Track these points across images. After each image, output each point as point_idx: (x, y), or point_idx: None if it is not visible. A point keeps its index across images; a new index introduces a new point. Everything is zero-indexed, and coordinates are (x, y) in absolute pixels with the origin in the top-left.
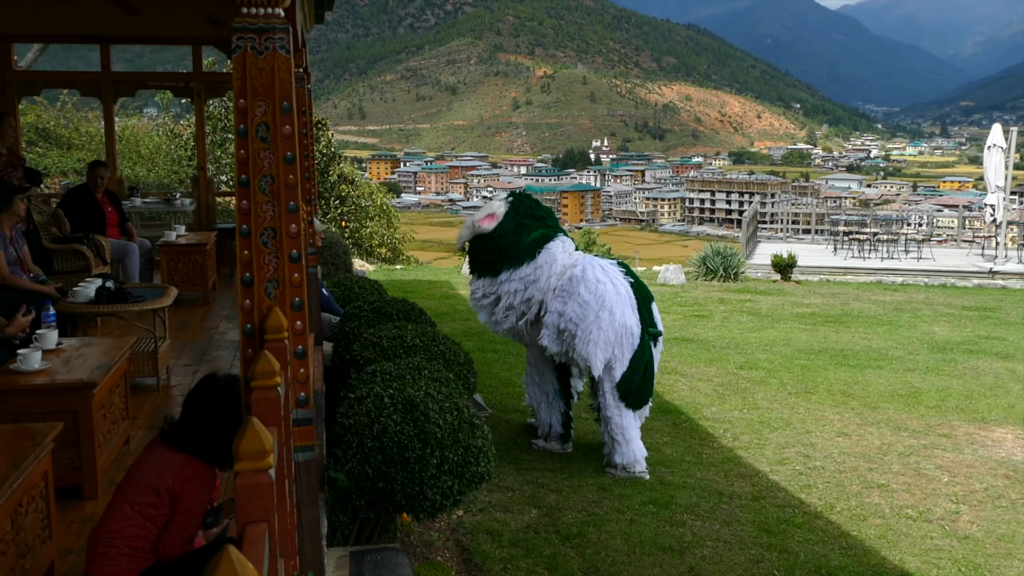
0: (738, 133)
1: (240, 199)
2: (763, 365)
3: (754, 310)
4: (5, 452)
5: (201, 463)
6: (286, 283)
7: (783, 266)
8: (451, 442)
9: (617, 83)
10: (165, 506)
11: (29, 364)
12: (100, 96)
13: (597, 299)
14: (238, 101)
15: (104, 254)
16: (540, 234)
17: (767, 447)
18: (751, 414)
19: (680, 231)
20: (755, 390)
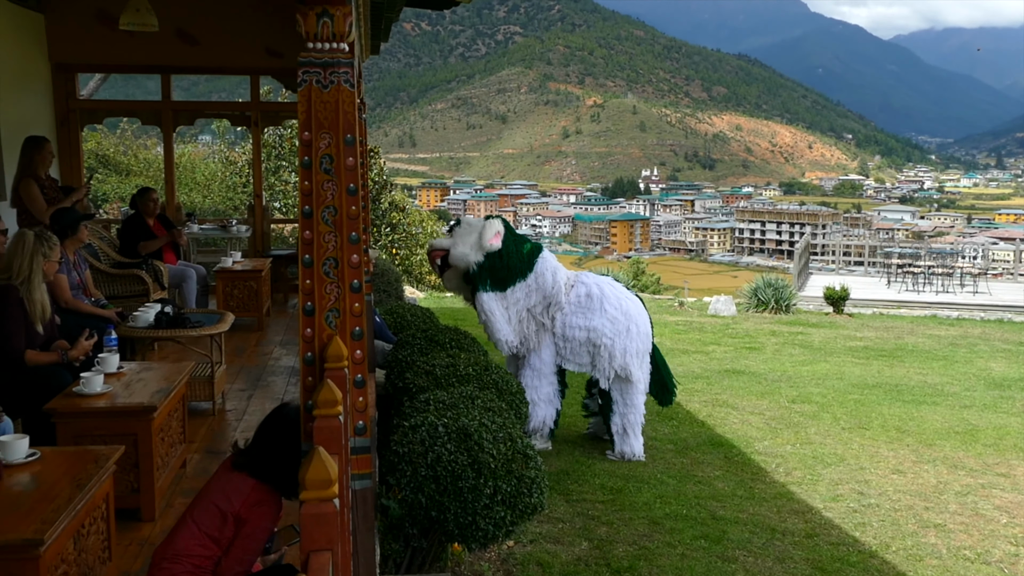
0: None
1: (303, 229)
2: (816, 399)
3: (806, 343)
4: (69, 474)
5: (268, 491)
6: (347, 312)
7: (836, 299)
8: (504, 472)
9: (667, 112)
10: (230, 529)
11: (91, 387)
12: (160, 124)
13: (624, 314)
14: (303, 133)
15: (162, 279)
16: (531, 246)
17: (820, 483)
18: (804, 449)
19: (730, 261)
20: (808, 424)
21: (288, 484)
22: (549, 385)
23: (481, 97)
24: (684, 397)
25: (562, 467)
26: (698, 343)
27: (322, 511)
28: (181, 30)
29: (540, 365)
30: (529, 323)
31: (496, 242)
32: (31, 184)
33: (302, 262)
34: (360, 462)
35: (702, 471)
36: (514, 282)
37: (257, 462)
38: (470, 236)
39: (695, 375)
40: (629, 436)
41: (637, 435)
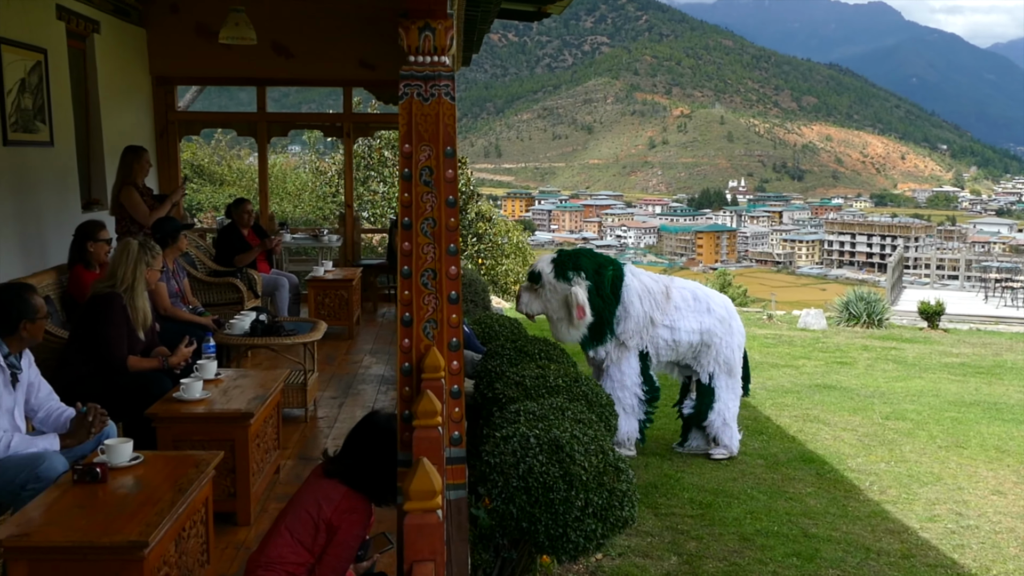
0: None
1: (402, 240)
2: (911, 416)
3: (900, 358)
4: (171, 478)
5: (359, 498)
6: (444, 323)
7: (931, 313)
8: (596, 485)
9: (755, 123)
10: (322, 536)
11: (191, 393)
12: (255, 135)
13: (728, 311)
14: (403, 146)
15: (256, 288)
16: (611, 277)
17: (916, 502)
18: (899, 467)
19: (818, 274)
20: (902, 442)
21: (379, 491)
22: (633, 396)
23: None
24: (774, 412)
25: (650, 480)
26: (787, 357)
27: (426, 522)
28: (277, 43)
29: (621, 376)
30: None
31: (585, 318)
32: (132, 191)
33: (401, 273)
34: (455, 472)
35: (793, 487)
36: (613, 328)
37: (348, 469)
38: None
39: (785, 389)
40: (730, 427)
41: (735, 427)
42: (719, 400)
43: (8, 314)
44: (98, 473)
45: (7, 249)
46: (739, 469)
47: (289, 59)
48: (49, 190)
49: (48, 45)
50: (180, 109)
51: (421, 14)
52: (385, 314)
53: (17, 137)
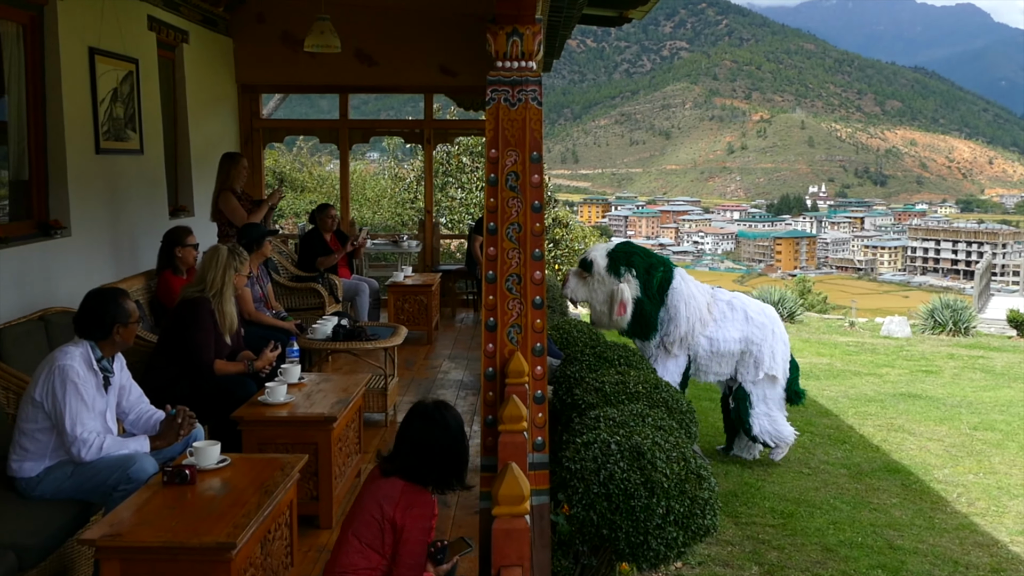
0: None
1: (488, 245)
2: (1000, 427)
3: (988, 367)
4: (257, 480)
5: (419, 491)
6: (528, 328)
7: (1020, 321)
8: (677, 492)
9: (837, 127)
10: (389, 536)
11: (275, 397)
12: (337, 142)
13: (770, 319)
14: (489, 151)
15: (337, 293)
16: (660, 279)
17: (1006, 515)
18: (988, 479)
19: (901, 281)
20: (991, 453)
21: (437, 477)
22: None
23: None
24: (857, 421)
25: (730, 489)
26: (871, 365)
27: (514, 527)
28: (359, 51)
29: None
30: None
31: (623, 315)
32: (229, 196)
33: (485, 278)
34: (538, 477)
35: (878, 498)
36: (656, 328)
37: (403, 463)
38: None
39: (868, 398)
40: (778, 422)
41: (784, 421)
42: (754, 410)
43: (102, 318)
44: (187, 475)
45: (99, 255)
46: (821, 479)
47: (372, 66)
48: (138, 197)
49: (139, 55)
50: (264, 117)
51: (509, 19)
52: (463, 319)
53: (109, 145)
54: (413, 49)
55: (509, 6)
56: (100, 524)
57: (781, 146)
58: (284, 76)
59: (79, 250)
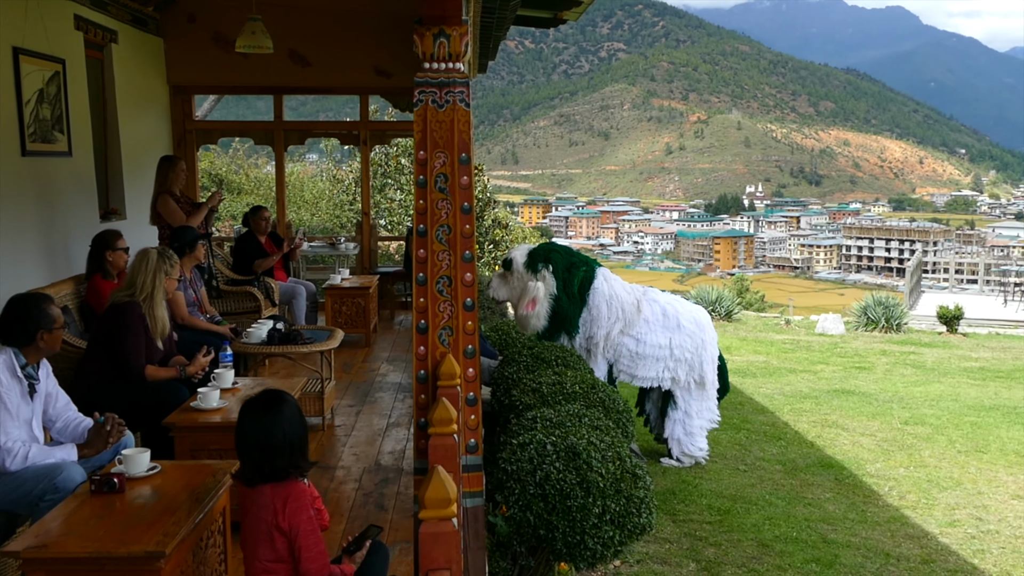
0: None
1: (417, 248)
2: (930, 421)
3: (919, 363)
4: (188, 487)
5: (285, 486)
6: (460, 330)
7: (949, 318)
8: (613, 492)
9: (772, 128)
10: (282, 542)
11: (208, 402)
12: (272, 144)
13: (698, 326)
14: (418, 153)
15: (273, 296)
16: (581, 278)
17: (936, 507)
18: (918, 472)
19: (836, 279)
20: (922, 447)
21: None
22: None
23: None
24: (792, 417)
25: (668, 487)
26: (806, 362)
27: (441, 530)
28: (293, 51)
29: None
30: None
31: (530, 310)
32: (168, 199)
33: (416, 280)
34: (471, 480)
35: (812, 493)
36: (576, 327)
37: (257, 467)
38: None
39: (803, 395)
40: (694, 436)
41: (701, 436)
42: (679, 409)
43: (25, 325)
44: (115, 483)
45: (26, 259)
46: (757, 475)
47: (306, 67)
48: (68, 200)
49: (66, 55)
50: (198, 118)
51: (436, 20)
52: (402, 321)
53: (36, 147)
54: (348, 50)
55: (435, 7)
56: (25, 535)
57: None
58: (216, 77)
59: (6, 254)
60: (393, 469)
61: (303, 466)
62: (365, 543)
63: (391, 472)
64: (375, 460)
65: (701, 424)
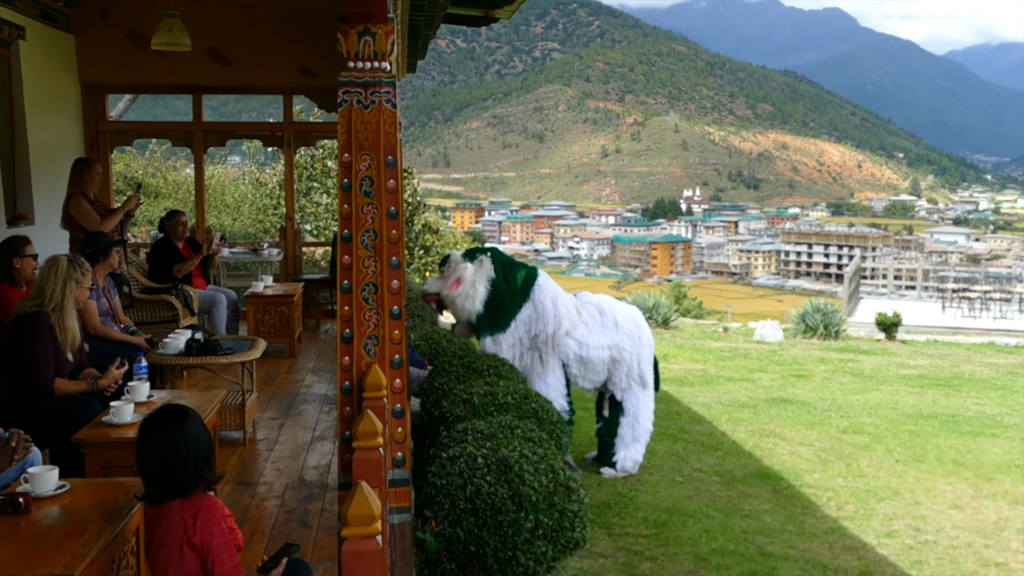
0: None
1: (342, 254)
2: (868, 430)
3: (857, 371)
4: (99, 506)
5: (193, 500)
6: (386, 340)
7: (888, 324)
8: (546, 506)
9: (710, 131)
10: (194, 559)
11: (121, 417)
12: (191, 146)
13: (637, 325)
14: (343, 155)
15: (192, 305)
16: (525, 274)
17: (874, 518)
18: (856, 482)
19: (775, 285)
20: (860, 456)
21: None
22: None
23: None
24: (730, 427)
25: (603, 500)
26: (744, 370)
27: (364, 548)
28: (213, 49)
29: (547, 391)
30: (532, 353)
31: (454, 289)
32: (81, 200)
33: (340, 288)
34: (399, 495)
35: (749, 504)
36: (513, 317)
37: (161, 483)
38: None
39: (740, 404)
40: (639, 443)
41: (644, 442)
42: (628, 414)
43: None
44: (20, 503)
45: None
46: (694, 486)
47: (226, 66)
48: None
49: None
50: (112, 119)
51: (361, 18)
52: (328, 331)
53: None
54: (270, 48)
55: (359, 4)
56: None
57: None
58: (131, 76)
59: None
60: (318, 484)
61: (210, 478)
62: (281, 561)
63: (316, 488)
64: (299, 475)
65: (646, 428)
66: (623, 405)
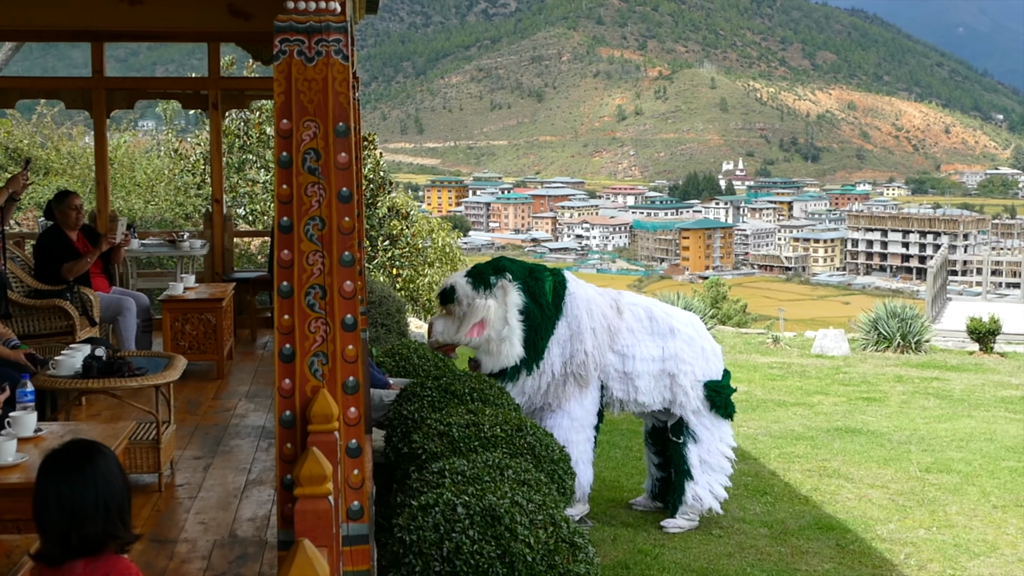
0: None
1: (280, 247)
2: (957, 467)
3: (944, 392)
4: None
5: (103, 559)
6: (337, 357)
7: (983, 332)
8: (545, 567)
9: (756, 87)
10: None
11: (2, 458)
12: (90, 108)
13: (696, 330)
14: (280, 121)
15: (91, 312)
16: (552, 283)
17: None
18: (942, 534)
19: (840, 283)
20: (947, 501)
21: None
22: (588, 441)
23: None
24: (781, 465)
25: (619, 559)
26: (799, 392)
27: None
28: None
29: (582, 414)
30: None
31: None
32: None
33: (279, 291)
34: (356, 555)
35: (807, 564)
36: (547, 343)
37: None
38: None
39: (796, 435)
40: (718, 474)
41: (726, 473)
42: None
43: None
44: None
45: None
46: (735, 541)
47: (135, 5)
48: None
49: None
50: None
51: None
52: (267, 344)
53: None
54: None
55: None
56: None
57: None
58: (11, 18)
59: None
60: (254, 542)
61: (124, 537)
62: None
63: (251, 546)
64: (230, 530)
65: (728, 456)
66: (694, 432)
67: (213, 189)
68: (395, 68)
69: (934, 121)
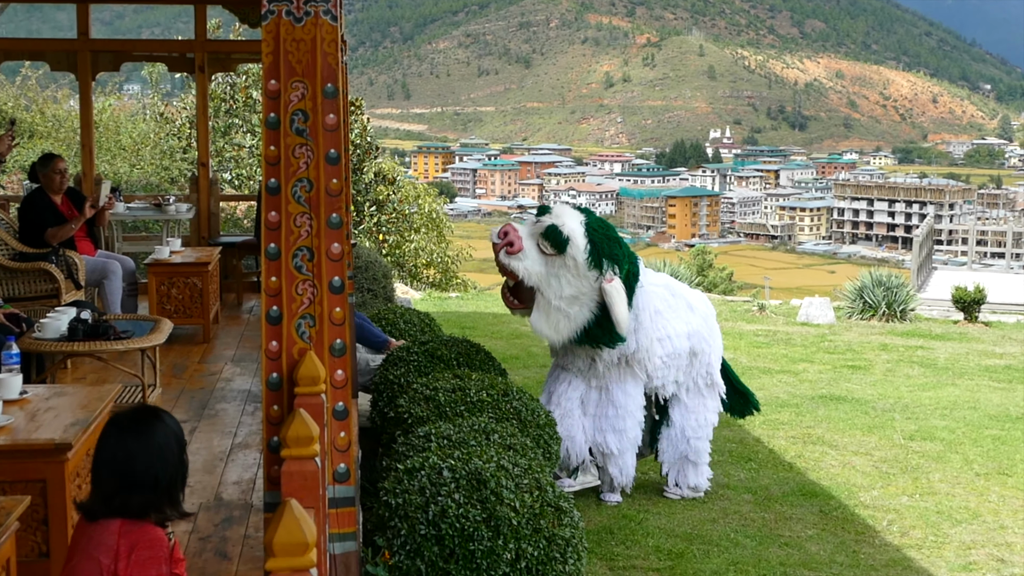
0: (906, 122)
1: (268, 209)
2: (941, 435)
3: (928, 360)
4: None
5: (138, 527)
6: (325, 319)
7: (968, 301)
8: (530, 531)
9: (744, 54)
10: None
11: None
12: (76, 71)
13: (709, 307)
14: (268, 82)
15: (77, 275)
16: (628, 268)
17: (946, 546)
18: (925, 501)
19: (826, 252)
20: (930, 468)
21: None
22: (637, 426)
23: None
24: (766, 432)
25: (604, 523)
26: (784, 360)
27: None
28: None
29: (625, 400)
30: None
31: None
32: None
33: (266, 253)
34: (342, 517)
35: (790, 530)
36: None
37: (107, 497)
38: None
39: (780, 402)
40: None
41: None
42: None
43: None
44: None
45: None
46: (720, 507)
47: None
48: None
49: None
50: None
51: None
52: (253, 308)
53: None
54: None
55: None
56: None
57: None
58: None
59: None
60: (239, 505)
61: (168, 513)
62: None
63: (237, 509)
64: (215, 493)
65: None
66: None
67: (199, 153)
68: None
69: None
